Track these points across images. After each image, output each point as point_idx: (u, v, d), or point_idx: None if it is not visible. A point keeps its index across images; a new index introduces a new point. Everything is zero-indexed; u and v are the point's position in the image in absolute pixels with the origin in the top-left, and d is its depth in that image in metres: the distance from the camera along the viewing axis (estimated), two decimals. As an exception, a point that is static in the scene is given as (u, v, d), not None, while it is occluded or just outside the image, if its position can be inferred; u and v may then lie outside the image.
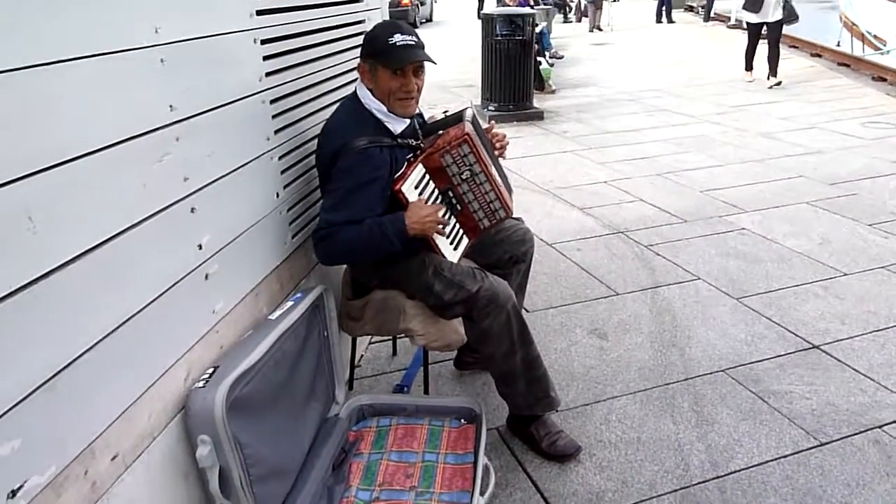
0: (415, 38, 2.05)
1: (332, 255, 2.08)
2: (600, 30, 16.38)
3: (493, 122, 2.43)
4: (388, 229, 2.00)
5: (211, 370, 1.62)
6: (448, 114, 2.36)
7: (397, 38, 2.01)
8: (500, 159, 2.45)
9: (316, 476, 1.95)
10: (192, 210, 1.58)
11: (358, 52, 2.14)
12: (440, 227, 2.12)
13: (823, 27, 10.50)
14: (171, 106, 1.49)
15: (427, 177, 2.16)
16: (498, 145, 2.44)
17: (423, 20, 20.93)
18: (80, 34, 1.22)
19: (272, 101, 2.00)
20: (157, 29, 1.43)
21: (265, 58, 1.95)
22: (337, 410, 2.27)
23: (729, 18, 15.71)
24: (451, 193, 2.19)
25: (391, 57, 2.01)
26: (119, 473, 1.35)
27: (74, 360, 1.21)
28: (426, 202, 2.13)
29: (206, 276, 1.65)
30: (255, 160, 1.90)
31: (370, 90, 2.09)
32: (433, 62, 2.05)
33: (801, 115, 7.19)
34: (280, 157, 2.07)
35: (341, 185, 2.01)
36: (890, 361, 2.80)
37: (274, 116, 2.02)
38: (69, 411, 1.21)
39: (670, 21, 17.12)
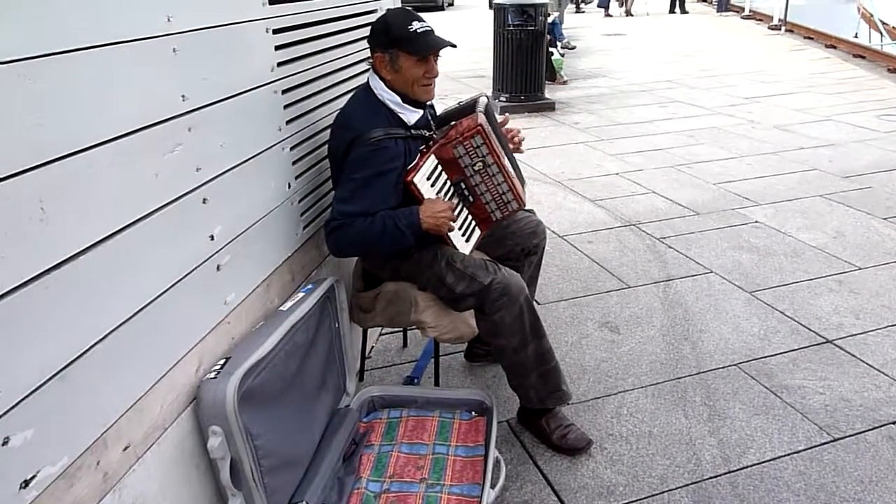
0: (428, 25, 2.05)
1: (344, 247, 2.07)
2: (631, 15, 16.72)
3: (507, 114, 2.40)
4: (401, 222, 1.99)
5: (222, 361, 1.62)
6: (462, 103, 2.34)
7: (417, 26, 2.00)
8: (514, 153, 2.43)
9: (327, 467, 1.95)
10: (205, 201, 1.58)
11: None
12: (453, 223, 2.11)
13: (841, 19, 10.37)
14: (183, 96, 1.48)
15: (439, 168, 2.15)
16: (516, 140, 2.44)
17: (448, 4, 21.37)
18: (92, 23, 1.22)
19: (284, 92, 1.99)
20: (169, 18, 1.42)
21: (277, 47, 1.94)
22: (348, 402, 2.27)
23: (743, 9, 15.54)
24: (463, 185, 2.18)
25: (417, 44, 1.99)
26: (130, 464, 1.35)
27: (86, 350, 1.21)
28: (438, 193, 2.12)
29: (218, 267, 1.65)
30: (267, 151, 1.89)
31: (386, 81, 2.06)
32: (454, 46, 2.04)
33: (815, 107, 7.10)
34: (292, 148, 2.06)
35: (355, 176, 1.99)
36: (905, 357, 2.78)
37: (286, 107, 2.01)
38: (81, 402, 1.21)
39: (683, 11, 16.97)
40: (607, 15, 16.66)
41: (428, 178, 2.10)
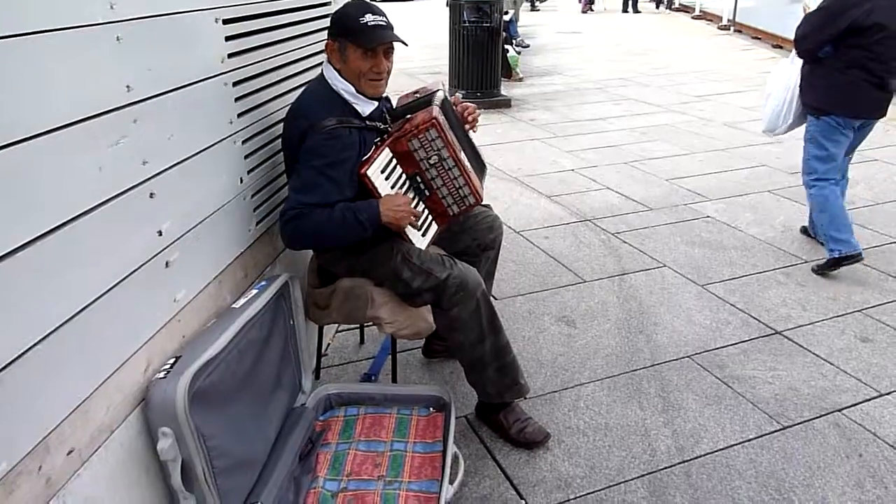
0: (385, 19, 2.01)
1: (300, 238, 2.02)
2: (592, 10, 17.63)
3: (458, 94, 2.39)
4: (361, 214, 1.97)
5: (172, 360, 1.58)
6: (419, 96, 2.32)
7: (368, 18, 1.97)
8: (470, 132, 2.40)
9: (282, 467, 1.92)
10: (151, 195, 1.53)
11: (325, 34, 2.09)
12: (413, 218, 2.09)
13: (789, 19, 10.66)
14: (128, 86, 1.43)
15: (394, 161, 2.13)
16: (469, 118, 2.41)
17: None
18: (29, 8, 1.16)
19: (235, 84, 1.94)
20: (112, 5, 1.37)
21: (228, 38, 1.88)
22: (304, 400, 2.24)
23: (693, 9, 15.87)
24: (419, 178, 2.16)
25: (363, 36, 1.97)
26: (75, 469, 1.30)
27: (25, 351, 1.16)
28: (393, 187, 2.10)
29: (167, 264, 1.60)
30: (218, 144, 1.84)
31: (338, 71, 2.05)
32: (404, 43, 2.01)
33: (762, 105, 7.28)
34: (244, 142, 2.01)
35: (310, 165, 1.96)
36: (849, 346, 2.86)
37: (237, 99, 1.96)
38: (20, 405, 1.16)
39: (636, 11, 17.24)
40: (589, 9, 17.31)
41: (382, 172, 2.08)
